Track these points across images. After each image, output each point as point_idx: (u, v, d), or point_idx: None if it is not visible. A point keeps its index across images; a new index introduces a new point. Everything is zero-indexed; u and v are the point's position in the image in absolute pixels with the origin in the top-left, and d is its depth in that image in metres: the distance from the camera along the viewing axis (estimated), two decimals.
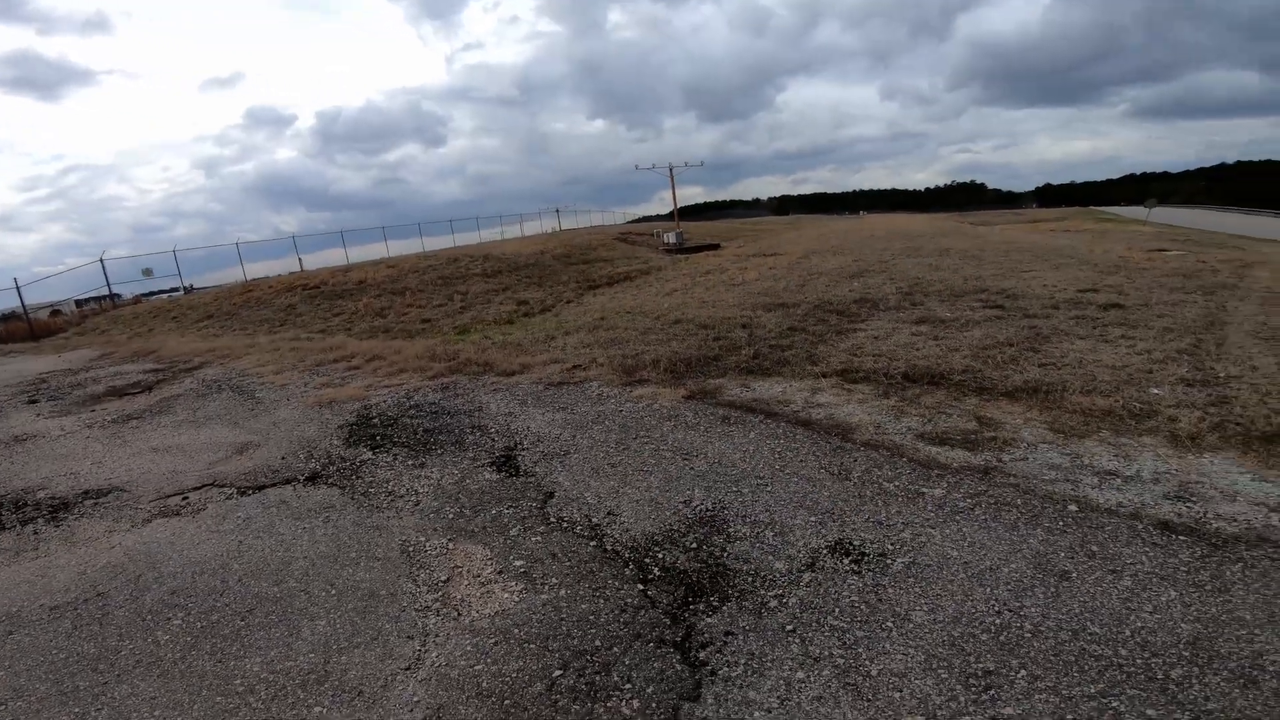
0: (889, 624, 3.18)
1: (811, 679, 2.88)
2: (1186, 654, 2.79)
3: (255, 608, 3.92)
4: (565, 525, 4.49)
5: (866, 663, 2.94)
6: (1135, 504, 4.11)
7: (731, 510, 4.45)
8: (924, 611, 3.24)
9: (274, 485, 5.73)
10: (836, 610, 3.32)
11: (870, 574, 3.60)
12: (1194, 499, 4.12)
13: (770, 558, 3.85)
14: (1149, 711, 2.51)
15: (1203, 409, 5.53)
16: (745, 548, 3.98)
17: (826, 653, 3.03)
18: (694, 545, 4.06)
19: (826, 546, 3.90)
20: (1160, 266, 14.45)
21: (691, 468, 5.17)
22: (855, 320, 9.71)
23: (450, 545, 4.39)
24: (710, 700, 2.84)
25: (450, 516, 4.80)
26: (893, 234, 30.68)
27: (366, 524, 4.82)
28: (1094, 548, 3.65)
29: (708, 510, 4.48)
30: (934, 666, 2.87)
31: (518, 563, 4.08)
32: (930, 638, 3.06)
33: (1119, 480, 4.45)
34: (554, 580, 3.85)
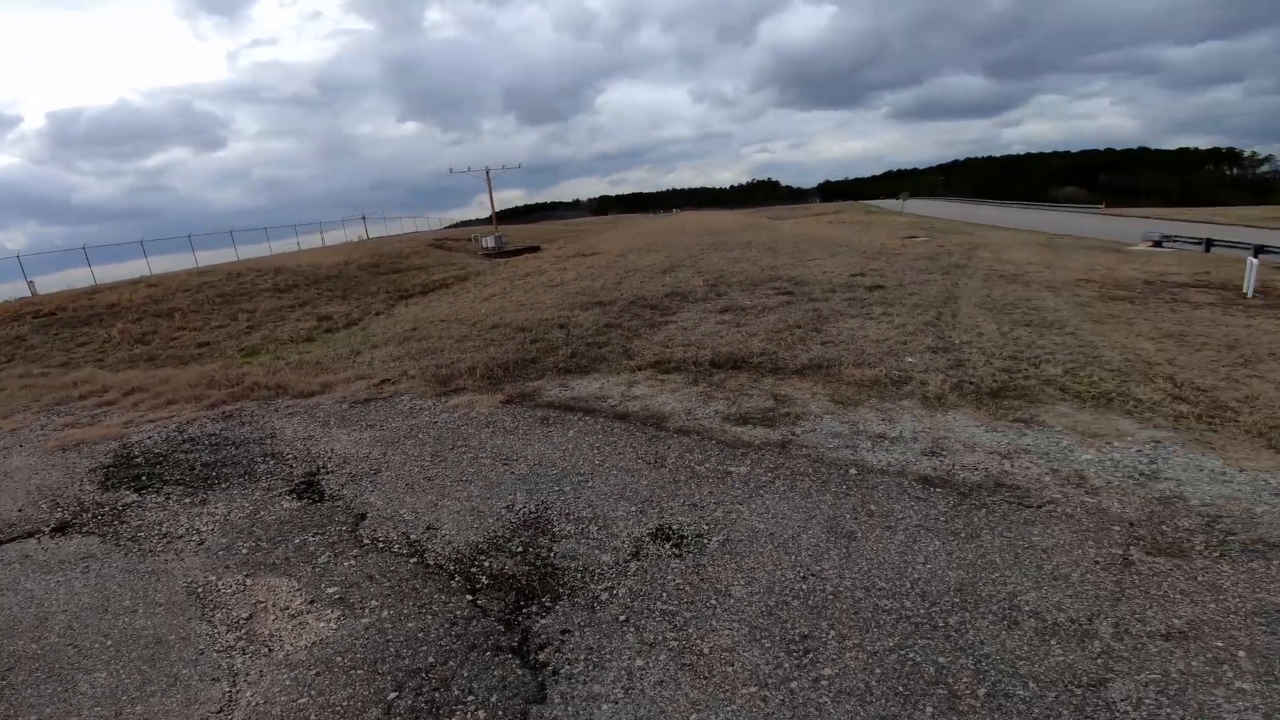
0: (713, 602, 3.37)
1: (651, 665, 2.97)
2: (958, 600, 3.23)
3: (15, 666, 3.34)
4: (381, 546, 4.21)
5: (698, 642, 3.09)
6: (901, 462, 4.76)
7: (555, 509, 4.45)
8: (742, 585, 3.48)
9: (11, 541, 4.77)
10: (664, 595, 3.45)
11: (691, 556, 3.79)
12: (944, 453, 4.87)
13: (597, 552, 3.91)
14: (940, 659, 2.87)
15: (945, 372, 6.60)
16: (572, 545, 4.01)
17: (660, 638, 3.14)
18: (520, 549, 4.01)
19: (648, 534, 4.04)
20: (911, 251, 17.03)
21: (512, 472, 5.08)
22: (667, 313, 10.20)
23: (248, 581, 3.94)
24: (556, 700, 2.82)
25: (245, 552, 4.29)
26: (701, 230, 32.77)
27: (139, 570, 4.18)
28: (872, 507, 4.17)
29: (531, 512, 4.44)
30: (758, 637, 3.09)
31: (331, 590, 3.77)
32: (750, 610, 3.28)
33: (887, 442, 5.14)
34: (374, 603, 3.61)
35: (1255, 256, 13.74)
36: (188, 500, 5.16)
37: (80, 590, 4.03)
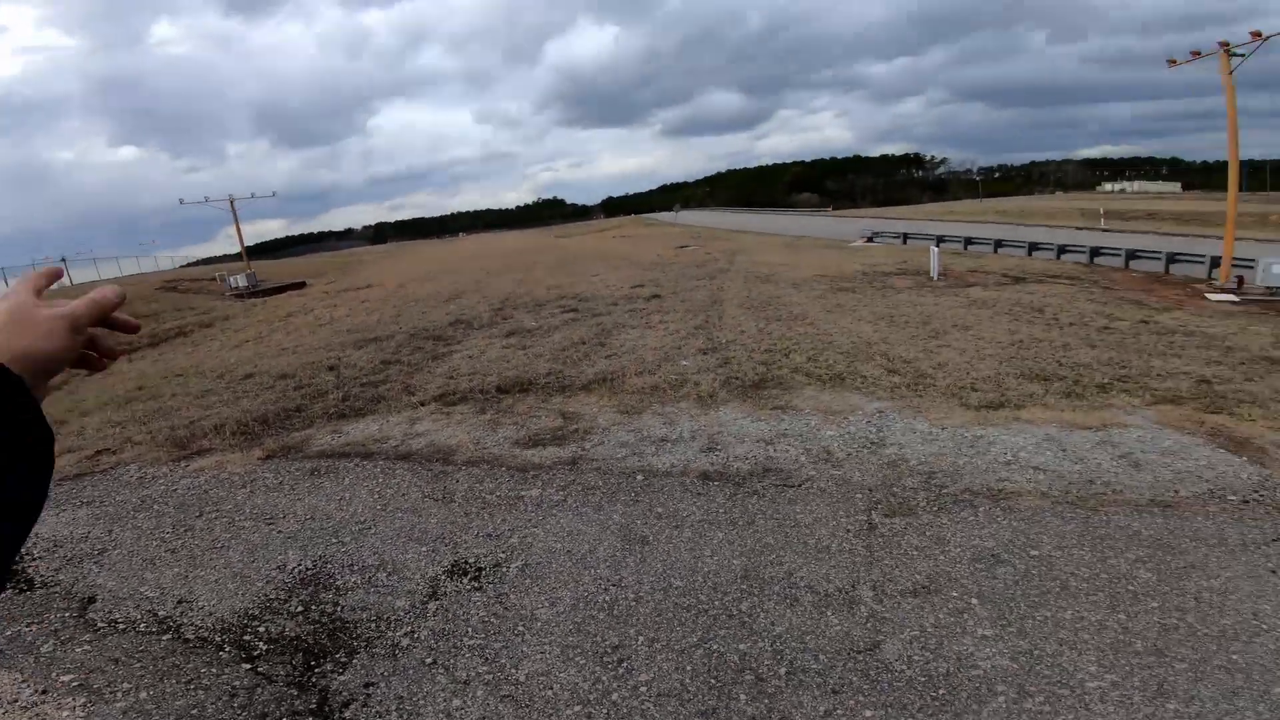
0: (520, 628, 3.28)
1: (468, 703, 2.81)
2: (745, 587, 3.45)
3: None
4: (122, 627, 3.62)
5: (513, 671, 2.98)
6: (682, 462, 5.07)
7: (335, 562, 4.05)
8: (546, 607, 3.43)
9: None
10: (469, 630, 3.30)
11: (491, 586, 3.66)
12: (719, 448, 5.28)
13: (390, 598, 3.64)
14: (741, 646, 3.02)
15: (715, 371, 7.21)
16: (360, 596, 3.68)
17: (473, 673, 2.99)
18: (300, 608, 3.60)
19: (444, 571, 3.85)
20: (683, 260, 18.48)
21: (279, 531, 4.50)
22: (451, 343, 9.82)
23: None
24: None
25: None
26: (488, 254, 32.24)
27: None
28: (660, 509, 4.36)
29: (308, 569, 3.99)
30: (571, 656, 3.05)
31: (66, 678, 3.21)
32: (559, 630, 3.24)
33: (669, 444, 5.45)
34: (126, 685, 3.10)
35: (936, 245, 17.17)
36: None
37: None
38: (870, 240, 26.32)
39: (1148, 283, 14.15)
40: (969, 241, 22.91)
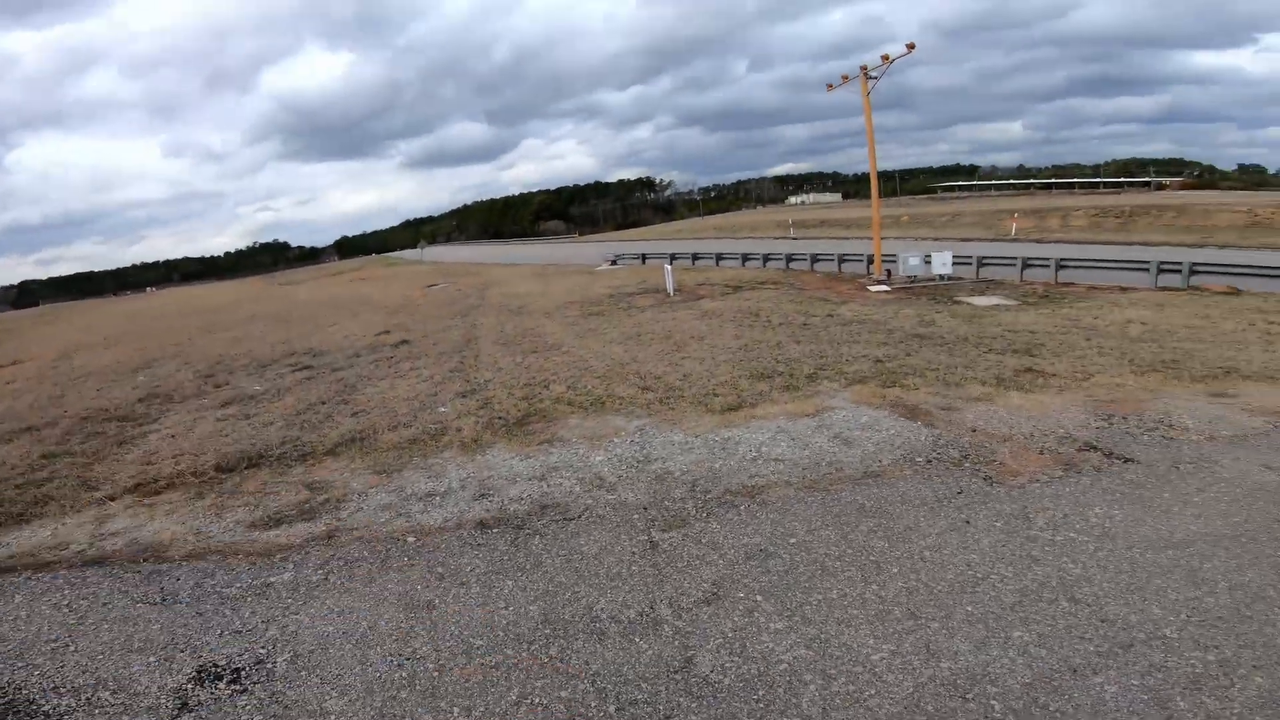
0: None
1: None
2: (548, 631, 3.29)
3: None
4: None
5: None
6: (456, 515, 4.75)
7: (32, 687, 3.19)
8: (335, 697, 2.97)
9: None
10: None
11: (259, 685, 3.08)
12: (492, 493, 5.06)
13: (126, 718, 2.95)
14: (563, 694, 2.85)
15: (475, 414, 6.97)
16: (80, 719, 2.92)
17: None
18: None
19: (189, 679, 3.18)
20: (432, 299, 17.70)
21: None
22: (144, 422, 8.02)
23: None
24: None
25: None
26: (188, 310, 27.23)
27: None
28: (440, 569, 4.02)
29: None
30: None
31: None
32: (359, 719, 2.83)
33: (438, 498, 5.08)
34: None
35: (669, 263, 18.96)
36: None
37: None
38: (614, 263, 28.10)
39: (828, 281, 17.32)
40: (695, 257, 25.78)
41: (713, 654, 3.07)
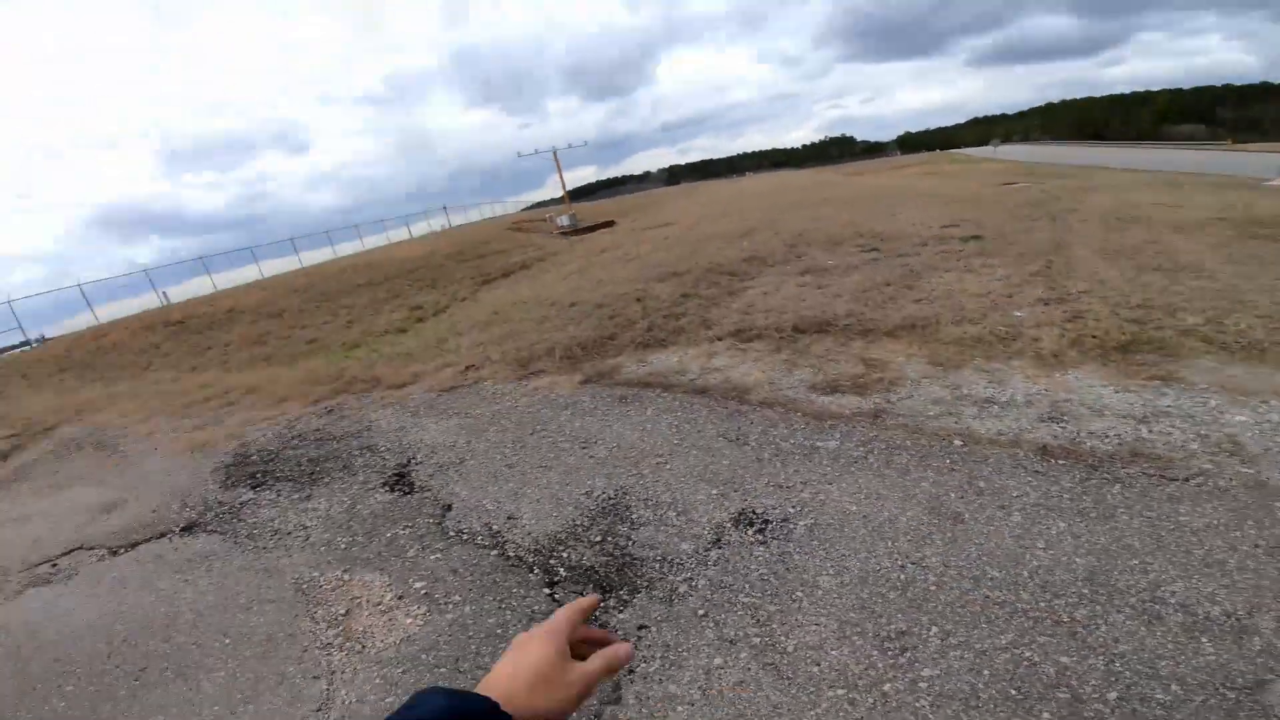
0: (799, 594, 3.14)
1: (730, 664, 2.81)
2: (1086, 591, 2.84)
3: (148, 666, 3.58)
4: (465, 538, 4.26)
5: (782, 639, 2.89)
6: (1014, 430, 4.30)
7: (634, 495, 4.33)
8: (831, 575, 3.22)
9: (146, 541, 5.18)
10: (746, 586, 3.26)
11: (776, 542, 3.56)
12: (1066, 418, 4.35)
13: (676, 540, 3.76)
14: (1062, 659, 2.53)
15: (1060, 326, 5.96)
16: (650, 533, 3.88)
17: (741, 634, 2.96)
18: (599, 538, 3.93)
19: (730, 519, 3.85)
20: (1010, 198, 15.62)
21: (591, 456, 5.03)
22: (746, 279, 9.86)
23: (346, 577, 4.09)
24: (631, 700, 2.73)
25: (343, 547, 4.47)
26: (776, 191, 31.61)
27: (254, 567, 4.45)
28: (981, 483, 3.76)
29: (610, 498, 4.36)
30: (848, 634, 2.84)
31: (418, 585, 3.84)
32: (840, 603, 3.04)
33: (996, 407, 4.67)
34: (457, 598, 3.64)
35: None
36: (295, 496, 5.46)
37: (205, 589, 4.31)
38: None
39: None
40: None
41: None
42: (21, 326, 26.68)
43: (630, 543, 3.84)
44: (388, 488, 5.24)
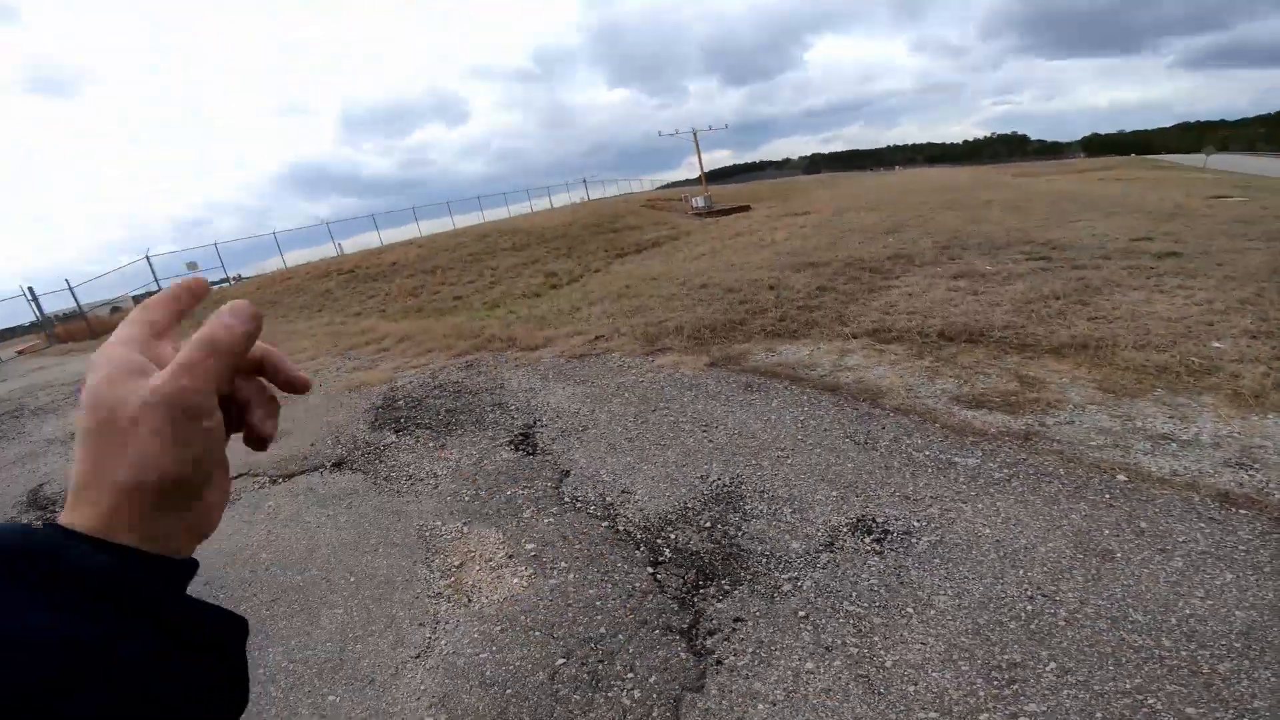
0: (909, 610, 2.99)
1: (821, 670, 2.73)
2: (1238, 645, 2.52)
3: (280, 597, 3.98)
4: (579, 505, 4.39)
5: (881, 653, 2.76)
6: (1192, 472, 3.78)
7: (749, 485, 4.27)
8: (948, 596, 3.03)
9: (302, 473, 5.80)
10: (854, 595, 3.14)
11: (893, 554, 3.39)
12: (1257, 465, 3.77)
13: (787, 537, 3.67)
14: (1188, 710, 2.28)
15: (1268, 364, 5.09)
16: (762, 526, 3.81)
17: (839, 641, 2.86)
18: (708, 524, 3.91)
19: (847, 524, 3.70)
20: (1221, 213, 13.46)
21: (710, 440, 5.01)
22: (889, 277, 9.31)
23: (465, 529, 4.36)
24: (714, 691, 2.72)
25: (466, 499, 4.77)
26: (929, 188, 29.44)
27: (387, 509, 4.84)
28: (1143, 524, 3.36)
29: (725, 486, 4.32)
30: (954, 658, 2.68)
31: (529, 546, 4.01)
32: (953, 625, 2.85)
33: (1174, 445, 4.11)
34: (563, 564, 3.77)
35: None
36: (431, 444, 5.90)
37: (343, 525, 4.72)
38: None
39: None
40: None
41: None
42: (224, 266, 31.20)
43: (740, 533, 3.79)
44: (513, 446, 5.52)
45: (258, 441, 0.46)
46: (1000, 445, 4.37)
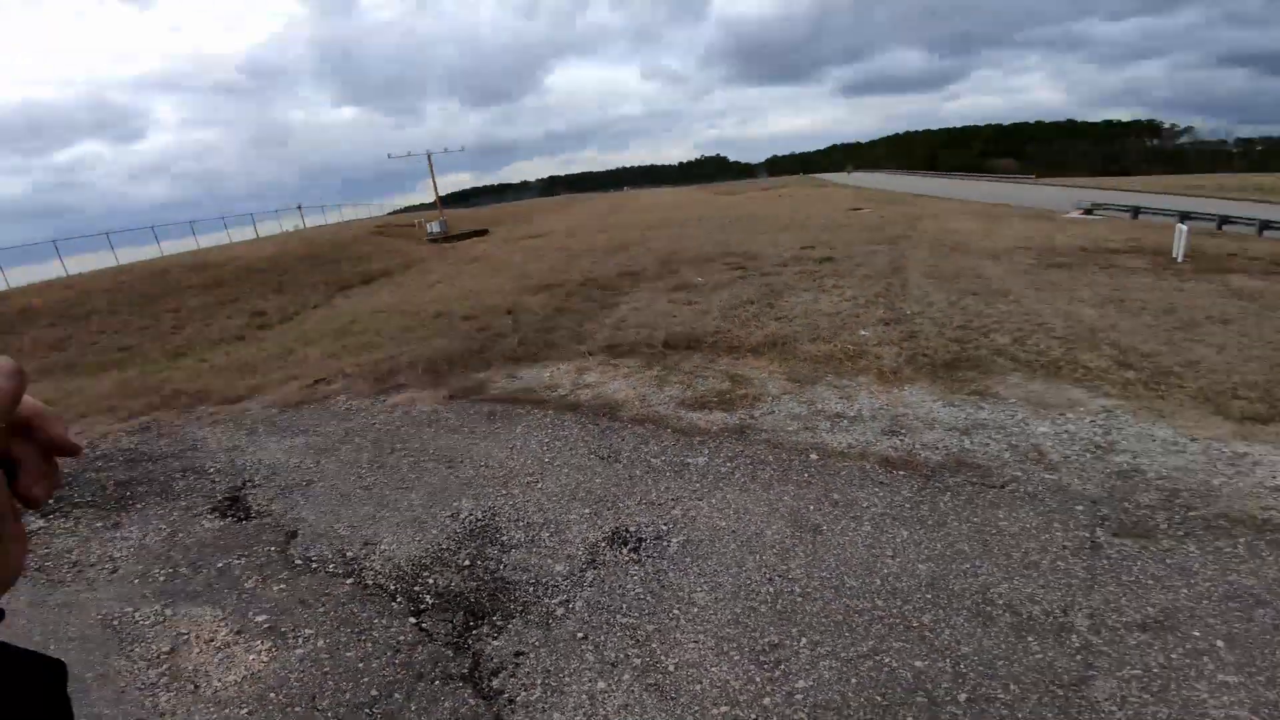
0: (676, 611, 3.16)
1: (613, 687, 2.75)
2: (930, 596, 3.08)
3: None
4: (314, 566, 3.87)
5: (663, 659, 2.87)
6: (861, 444, 4.63)
7: (504, 515, 4.16)
8: (705, 591, 3.27)
9: None
10: (624, 606, 3.23)
11: (650, 560, 3.56)
12: (904, 431, 4.76)
13: (550, 561, 3.65)
14: (917, 663, 2.71)
15: (899, 345, 6.54)
16: (522, 555, 3.73)
17: (623, 655, 2.92)
18: (468, 562, 3.72)
19: (604, 538, 3.80)
20: (857, 222, 17.14)
21: (456, 475, 4.77)
22: (619, 294, 9.94)
23: (167, 612, 3.60)
24: None
25: (162, 580, 3.92)
26: (652, 208, 32.46)
27: (49, 603, 3.80)
28: (836, 495, 4.00)
29: (478, 520, 4.15)
30: (725, 650, 2.89)
31: (260, 618, 3.45)
32: (716, 619, 3.08)
33: (846, 421, 5.01)
34: (308, 631, 3.30)
35: (1183, 223, 14.26)
36: (99, 524, 4.70)
37: None
38: (1088, 212, 22.62)
39: None
40: (1224, 220, 18.75)
41: (1119, 682, 2.48)
42: None
43: (502, 565, 3.67)
44: (218, 514, 4.63)
45: (28, 502, 0.44)
46: (722, 441, 4.88)
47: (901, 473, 4.22)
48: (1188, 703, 2.41)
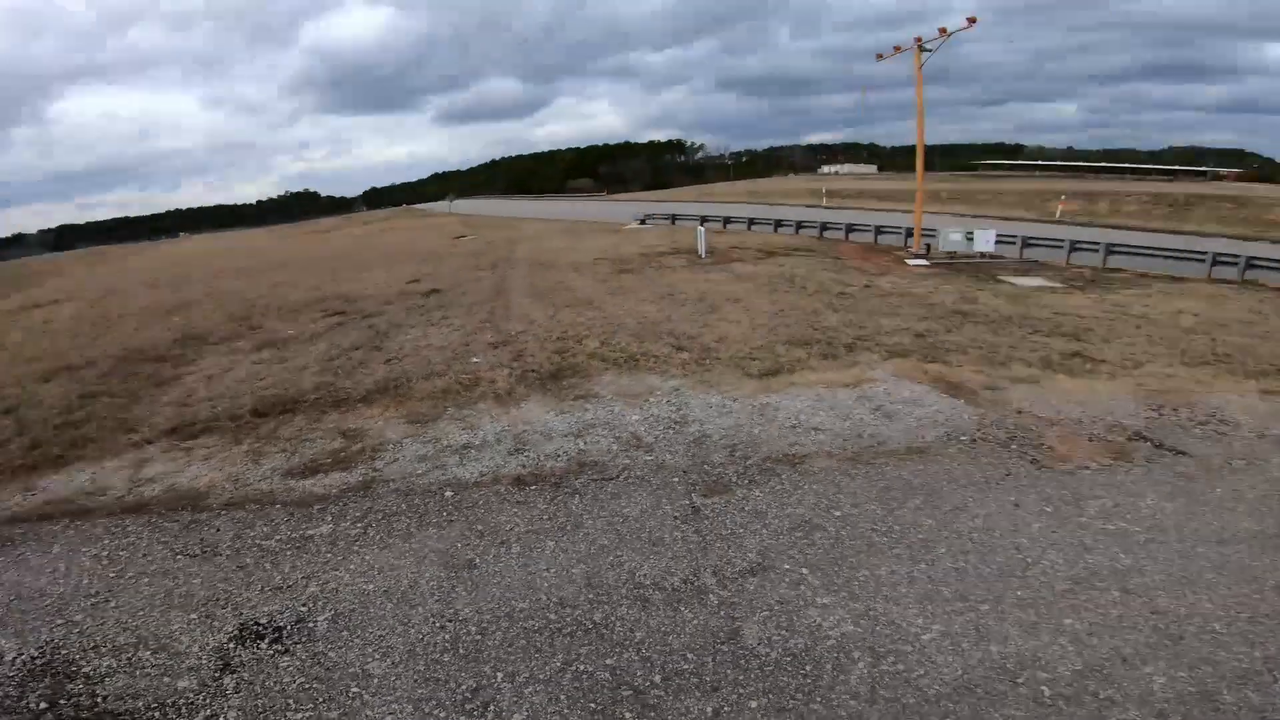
0: (355, 690, 2.78)
1: None
2: (592, 596, 3.26)
3: None
4: None
5: None
6: (493, 469, 4.73)
7: (71, 647, 3.17)
8: (378, 660, 2.96)
9: None
10: (290, 703, 2.73)
11: (300, 646, 3.08)
12: (528, 447, 5.04)
13: (167, 679, 2.92)
14: (608, 661, 2.83)
15: (509, 365, 6.94)
16: (124, 681, 2.92)
17: None
18: (46, 705, 2.79)
19: (231, 638, 3.16)
20: (462, 250, 17.65)
21: None
22: (180, 364, 8.15)
23: None
24: None
25: None
26: (221, 254, 27.57)
27: None
28: (479, 526, 4.00)
29: (34, 658, 3.07)
30: (426, 709, 2.65)
31: None
32: (402, 684, 2.80)
33: (474, 450, 5.07)
34: None
35: (702, 225, 18.63)
36: None
37: None
38: (643, 223, 27.69)
39: (864, 252, 16.87)
40: (727, 221, 25.28)
41: (759, 625, 3.03)
42: None
43: (99, 698, 2.81)
44: None
45: None
46: (346, 503, 4.43)
47: (534, 487, 4.46)
48: (811, 629, 2.96)
